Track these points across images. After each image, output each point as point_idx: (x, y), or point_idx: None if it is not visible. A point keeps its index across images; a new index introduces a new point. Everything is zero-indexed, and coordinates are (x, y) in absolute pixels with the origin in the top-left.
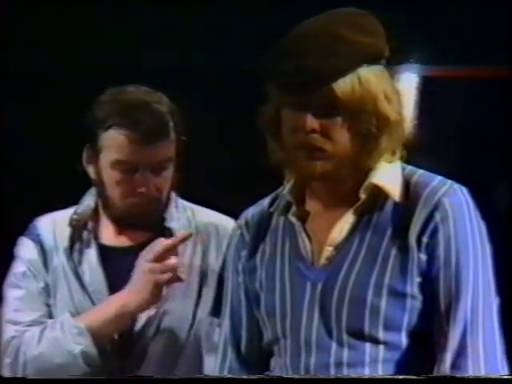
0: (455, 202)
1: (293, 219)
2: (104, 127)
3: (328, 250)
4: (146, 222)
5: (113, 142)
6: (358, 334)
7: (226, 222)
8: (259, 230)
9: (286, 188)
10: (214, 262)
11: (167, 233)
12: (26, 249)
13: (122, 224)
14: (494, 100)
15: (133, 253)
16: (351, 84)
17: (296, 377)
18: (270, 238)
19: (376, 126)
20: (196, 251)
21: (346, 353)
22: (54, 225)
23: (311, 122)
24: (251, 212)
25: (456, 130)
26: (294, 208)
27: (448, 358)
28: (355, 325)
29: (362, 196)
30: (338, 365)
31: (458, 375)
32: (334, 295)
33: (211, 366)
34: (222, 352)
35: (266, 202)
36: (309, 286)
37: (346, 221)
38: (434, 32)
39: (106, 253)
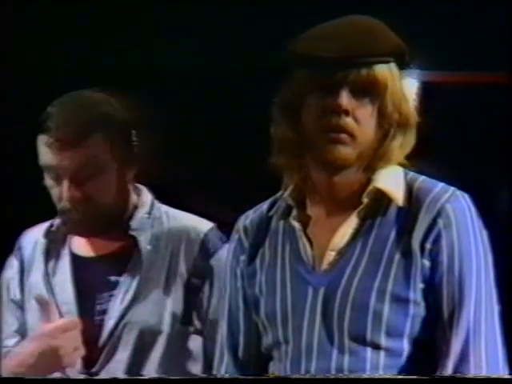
0: (458, 208)
1: (294, 223)
2: (37, 133)
3: (330, 255)
4: (91, 230)
5: (39, 147)
6: (360, 340)
7: (200, 226)
8: (258, 235)
9: (287, 191)
10: (183, 268)
11: (132, 241)
12: (7, 269)
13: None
14: (495, 106)
15: (102, 262)
16: (388, 72)
17: (294, 377)
18: (270, 243)
19: (398, 123)
20: (165, 257)
21: (347, 358)
22: (37, 236)
23: (347, 101)
24: (250, 216)
25: (456, 136)
26: (294, 212)
27: (450, 364)
28: (357, 330)
29: (365, 200)
30: (339, 370)
31: (457, 376)
32: (336, 300)
33: (193, 371)
34: (218, 355)
35: (264, 206)
36: (310, 291)
37: (349, 225)
38: (434, 37)
39: (77, 262)
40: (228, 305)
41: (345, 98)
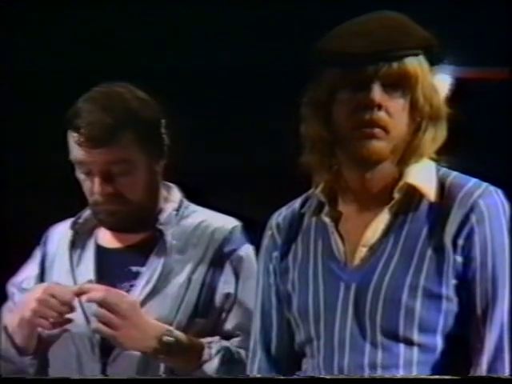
0: (491, 203)
1: (326, 219)
2: (67, 127)
3: (362, 251)
4: (122, 224)
5: (69, 143)
6: (393, 336)
7: (226, 225)
8: (291, 231)
9: (319, 188)
10: (203, 266)
11: (158, 234)
12: (31, 260)
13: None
14: None
15: (125, 253)
16: (418, 65)
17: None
18: (302, 239)
19: (429, 115)
20: (188, 254)
21: (380, 354)
22: (63, 230)
23: (379, 96)
24: (283, 213)
25: (489, 131)
26: (326, 208)
27: (484, 361)
28: (390, 326)
29: (397, 196)
30: (372, 366)
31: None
32: (368, 296)
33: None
34: (251, 352)
35: (297, 203)
36: (342, 287)
37: (381, 221)
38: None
39: (101, 254)
40: (261, 301)
41: (377, 93)
